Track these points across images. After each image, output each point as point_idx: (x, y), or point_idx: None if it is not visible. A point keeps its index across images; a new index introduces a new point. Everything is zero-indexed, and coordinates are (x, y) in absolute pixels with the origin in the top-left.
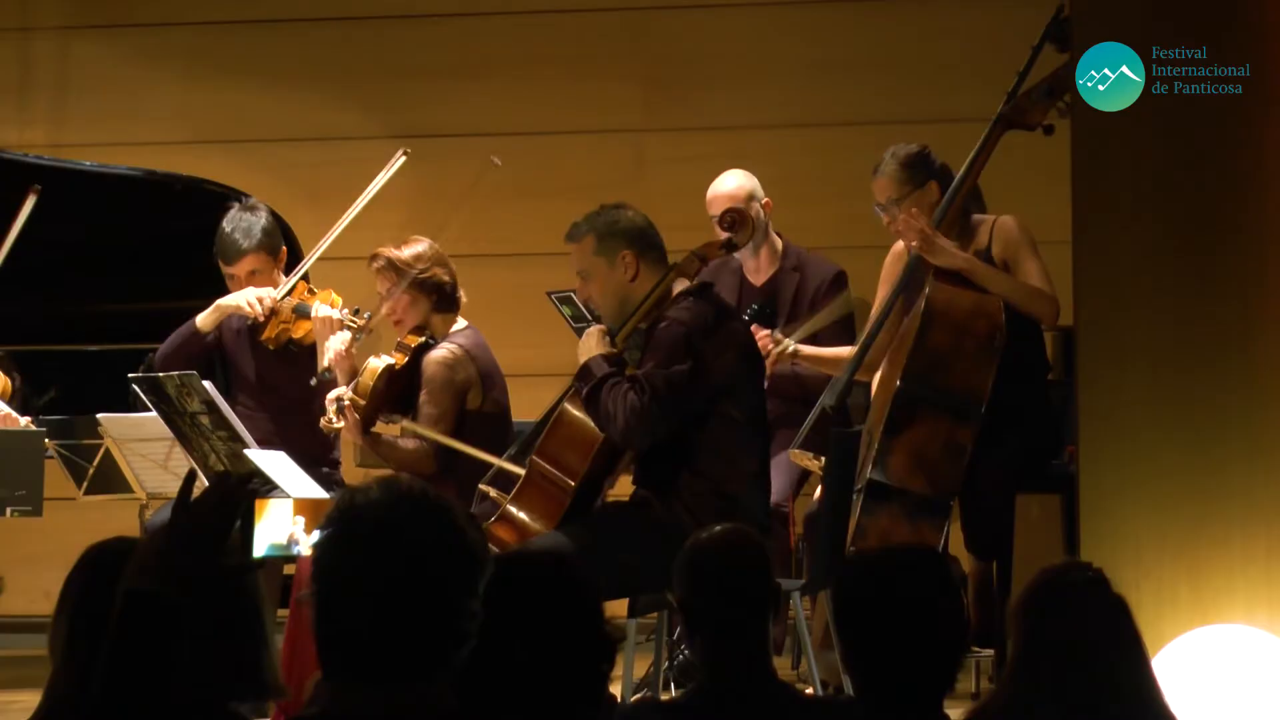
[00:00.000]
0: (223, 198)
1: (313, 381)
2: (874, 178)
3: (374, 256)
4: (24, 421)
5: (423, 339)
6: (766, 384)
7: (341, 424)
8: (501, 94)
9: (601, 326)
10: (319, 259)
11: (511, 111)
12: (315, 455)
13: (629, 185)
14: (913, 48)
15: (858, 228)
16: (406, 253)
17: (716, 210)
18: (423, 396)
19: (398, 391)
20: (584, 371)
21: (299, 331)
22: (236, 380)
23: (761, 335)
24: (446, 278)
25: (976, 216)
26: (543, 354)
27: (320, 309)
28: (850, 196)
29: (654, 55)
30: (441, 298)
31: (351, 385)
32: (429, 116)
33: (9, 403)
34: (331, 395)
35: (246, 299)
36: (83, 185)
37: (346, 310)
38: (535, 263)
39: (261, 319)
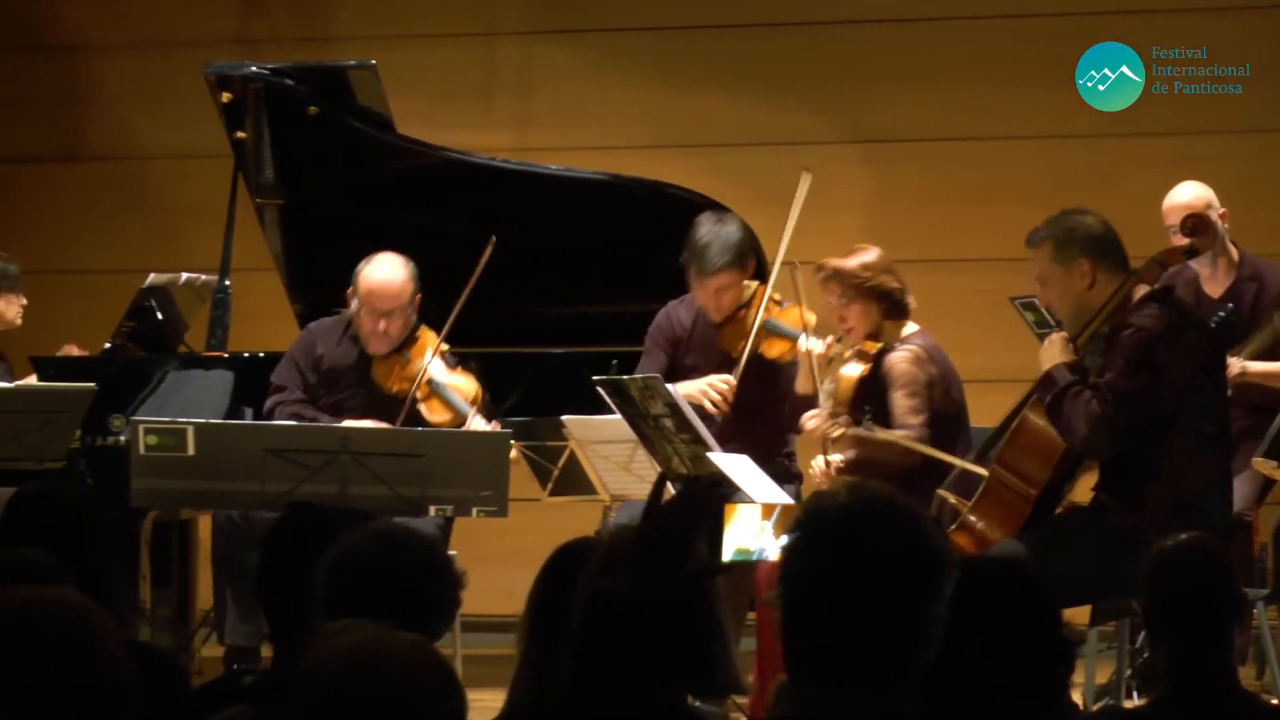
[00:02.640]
0: (681, 202)
1: None
2: None
3: (819, 268)
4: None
5: (879, 345)
6: (1230, 393)
7: (838, 432)
8: (956, 99)
9: (1064, 333)
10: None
11: (966, 116)
12: (774, 462)
13: (1087, 191)
14: None
15: None
16: (853, 262)
17: (1173, 220)
18: (898, 396)
19: (862, 398)
20: (1046, 379)
21: (772, 352)
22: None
23: None
24: (895, 284)
25: None
26: (999, 359)
27: (806, 341)
28: None
29: None
30: (891, 305)
31: (832, 402)
32: (883, 121)
33: (480, 410)
34: (812, 417)
35: (702, 389)
36: (547, 189)
37: (830, 339)
38: (992, 268)
39: (724, 410)
